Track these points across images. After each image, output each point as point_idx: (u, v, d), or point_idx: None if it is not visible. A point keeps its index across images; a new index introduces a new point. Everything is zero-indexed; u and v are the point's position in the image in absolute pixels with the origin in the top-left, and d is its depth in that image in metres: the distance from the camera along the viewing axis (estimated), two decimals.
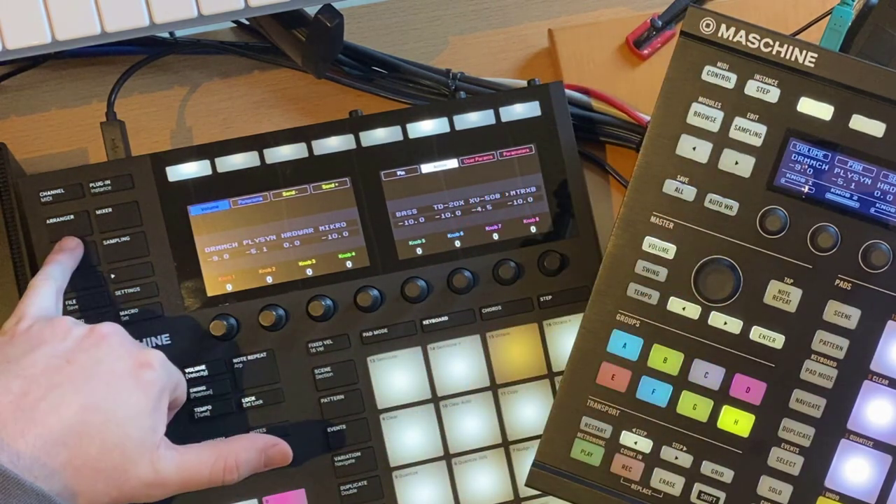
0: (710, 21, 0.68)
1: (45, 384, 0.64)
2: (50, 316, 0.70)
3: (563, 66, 0.85)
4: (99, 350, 0.67)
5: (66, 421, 0.64)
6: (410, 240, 0.78)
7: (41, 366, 0.65)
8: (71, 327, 0.69)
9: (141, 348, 0.70)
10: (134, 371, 0.68)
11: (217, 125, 0.87)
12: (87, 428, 0.64)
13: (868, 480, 0.69)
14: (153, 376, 0.68)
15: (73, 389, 0.65)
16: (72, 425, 0.64)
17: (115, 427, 0.65)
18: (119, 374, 0.67)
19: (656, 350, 0.70)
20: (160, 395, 0.68)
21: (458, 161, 0.79)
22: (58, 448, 0.63)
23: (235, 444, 0.71)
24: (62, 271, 0.75)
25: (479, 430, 0.78)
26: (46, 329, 0.68)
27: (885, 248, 0.68)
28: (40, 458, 0.63)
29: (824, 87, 0.68)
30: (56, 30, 0.74)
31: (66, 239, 0.77)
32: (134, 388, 0.67)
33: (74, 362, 0.66)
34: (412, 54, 0.87)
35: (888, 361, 0.69)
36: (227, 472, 0.70)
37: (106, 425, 0.65)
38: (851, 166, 0.68)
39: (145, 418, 0.67)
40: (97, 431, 0.65)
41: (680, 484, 0.70)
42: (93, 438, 0.65)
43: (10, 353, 0.66)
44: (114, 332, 0.69)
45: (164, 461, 0.68)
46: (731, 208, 0.69)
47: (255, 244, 0.78)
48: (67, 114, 0.87)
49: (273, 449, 0.73)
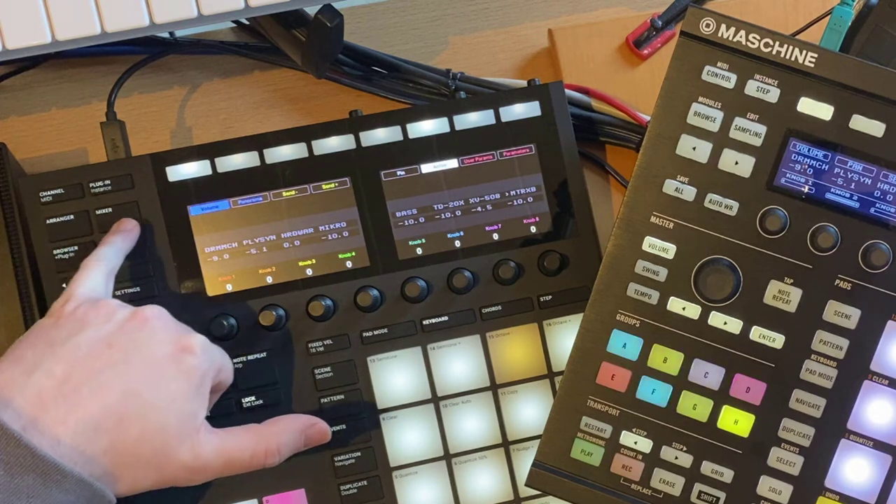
0: (710, 21, 0.68)
1: (86, 369, 0.64)
2: (96, 298, 0.70)
3: (563, 66, 0.85)
4: (141, 334, 0.67)
5: (107, 406, 0.64)
6: (410, 240, 0.78)
7: (84, 350, 0.65)
8: (115, 310, 0.68)
9: (184, 332, 0.70)
10: (175, 356, 0.68)
11: (217, 125, 0.87)
12: (128, 413, 0.65)
13: (868, 480, 0.69)
14: (194, 361, 0.68)
15: (114, 374, 0.65)
16: (112, 411, 0.64)
17: (155, 412, 0.66)
18: (160, 359, 0.67)
19: (656, 350, 0.70)
20: (201, 380, 0.68)
21: (458, 161, 0.79)
22: (98, 434, 0.63)
23: (276, 427, 0.71)
24: (115, 253, 0.74)
25: (479, 430, 0.78)
26: (91, 311, 0.68)
27: (885, 248, 0.68)
28: (80, 443, 0.63)
29: (824, 87, 0.68)
30: (56, 30, 0.74)
31: (123, 220, 0.76)
32: (175, 374, 0.67)
33: (116, 346, 0.66)
34: (412, 54, 0.87)
35: (888, 361, 0.69)
36: (268, 455, 0.70)
37: (146, 410, 0.65)
38: (851, 166, 0.68)
39: (186, 404, 0.67)
40: (137, 417, 0.65)
41: (680, 484, 0.70)
42: (133, 424, 0.65)
43: (55, 336, 0.66)
44: (156, 315, 0.69)
45: (204, 446, 0.68)
46: (731, 208, 0.69)
47: (255, 244, 0.78)
48: (67, 114, 0.87)
49: (312, 429, 0.73)
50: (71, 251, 0.77)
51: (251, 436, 0.70)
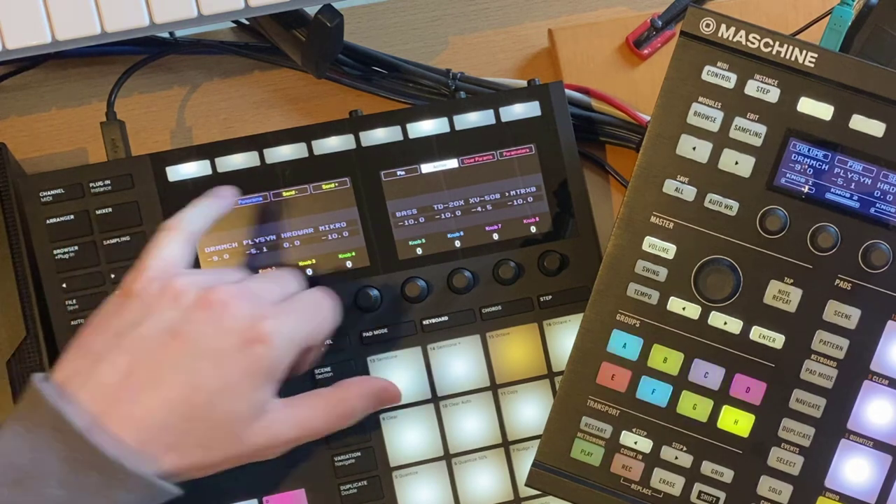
0: (710, 21, 0.68)
1: (150, 362, 0.63)
2: (168, 273, 0.67)
3: (563, 66, 0.85)
4: (208, 322, 0.64)
5: (170, 403, 0.62)
6: (410, 240, 0.78)
7: (148, 341, 0.63)
8: (183, 292, 0.65)
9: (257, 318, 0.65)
10: (243, 347, 0.64)
11: (217, 125, 0.87)
12: (192, 409, 0.63)
13: (868, 480, 0.69)
14: (264, 351, 0.65)
15: (178, 368, 0.63)
16: (175, 407, 0.62)
17: (221, 405, 0.64)
18: (226, 350, 0.64)
19: (656, 350, 0.70)
20: (272, 369, 0.65)
21: (458, 161, 0.79)
22: (163, 432, 0.62)
23: (348, 391, 0.70)
24: (200, 216, 0.71)
25: (479, 430, 0.78)
26: (158, 293, 0.65)
27: (885, 248, 0.68)
28: (144, 442, 0.62)
29: (824, 87, 0.68)
30: (56, 30, 0.74)
31: (221, 187, 0.74)
32: (242, 366, 0.64)
33: (180, 337, 0.64)
34: (412, 54, 0.87)
35: (888, 361, 0.69)
36: (341, 419, 0.69)
37: (211, 405, 0.63)
38: (851, 166, 0.68)
39: (255, 393, 0.65)
40: (202, 412, 0.63)
41: (680, 484, 0.70)
42: (198, 419, 0.63)
43: (120, 323, 0.64)
44: (227, 300, 0.65)
45: (277, 423, 0.66)
46: (731, 208, 0.69)
47: (255, 244, 0.78)
48: (67, 114, 0.87)
49: (385, 393, 0.72)
50: (71, 251, 0.77)
51: (324, 402, 0.69)
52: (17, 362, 0.76)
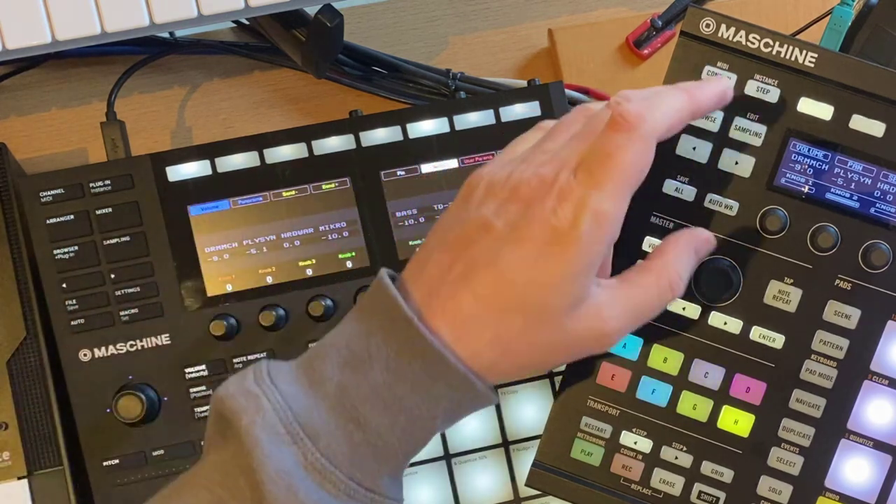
0: (710, 21, 0.68)
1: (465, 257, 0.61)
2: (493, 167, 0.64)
3: (563, 66, 0.85)
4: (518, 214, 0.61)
5: (480, 297, 0.60)
6: (410, 240, 0.78)
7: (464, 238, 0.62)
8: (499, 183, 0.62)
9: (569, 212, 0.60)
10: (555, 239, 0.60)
11: (217, 125, 0.87)
12: (505, 303, 0.61)
13: (868, 480, 0.69)
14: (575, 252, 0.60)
15: (485, 262, 0.61)
16: (487, 302, 0.60)
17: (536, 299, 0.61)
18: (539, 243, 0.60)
19: (656, 350, 0.70)
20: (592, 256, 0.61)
21: (458, 161, 0.79)
22: (479, 326, 0.61)
23: (667, 256, 0.65)
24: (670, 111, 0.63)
25: (479, 430, 0.78)
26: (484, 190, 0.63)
27: (885, 248, 0.68)
28: (461, 336, 0.60)
29: (824, 87, 0.68)
30: (56, 30, 0.74)
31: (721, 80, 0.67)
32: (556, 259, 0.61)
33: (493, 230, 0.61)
34: (412, 54, 0.87)
35: (888, 361, 0.68)
36: (673, 288, 0.65)
37: (524, 299, 0.61)
38: (851, 166, 0.68)
39: (571, 285, 0.61)
40: (516, 306, 0.61)
41: (680, 484, 0.70)
42: (514, 314, 0.61)
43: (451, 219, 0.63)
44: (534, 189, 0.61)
45: (608, 308, 0.62)
46: (731, 208, 0.69)
47: (255, 244, 0.78)
48: (67, 114, 0.87)
49: (699, 241, 0.67)
50: (71, 251, 0.77)
51: (648, 273, 0.65)
52: (17, 362, 0.76)
